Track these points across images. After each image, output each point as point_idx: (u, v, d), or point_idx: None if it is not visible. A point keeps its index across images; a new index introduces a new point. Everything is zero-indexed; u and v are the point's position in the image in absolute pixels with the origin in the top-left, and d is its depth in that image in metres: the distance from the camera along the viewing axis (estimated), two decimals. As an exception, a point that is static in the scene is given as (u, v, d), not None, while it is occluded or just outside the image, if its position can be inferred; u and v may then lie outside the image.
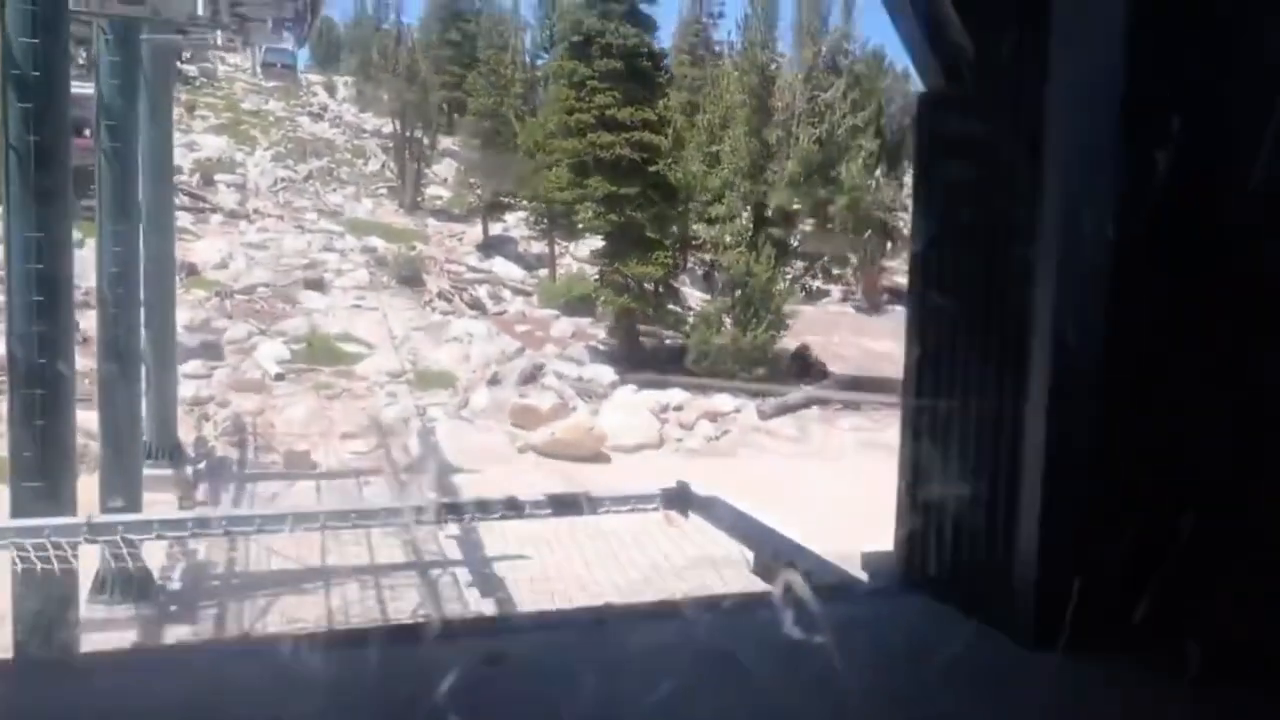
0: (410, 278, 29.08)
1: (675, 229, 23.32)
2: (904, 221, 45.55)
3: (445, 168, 50.66)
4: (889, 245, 38.28)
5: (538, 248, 41.20)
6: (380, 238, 35.74)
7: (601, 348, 25.40)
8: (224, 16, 9.43)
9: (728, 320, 23.18)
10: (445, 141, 51.61)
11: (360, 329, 24.01)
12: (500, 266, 36.46)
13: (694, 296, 26.26)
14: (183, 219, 33.94)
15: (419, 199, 44.17)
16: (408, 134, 43.85)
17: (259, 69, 55.70)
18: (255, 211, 36.71)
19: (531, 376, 22.19)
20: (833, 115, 22.45)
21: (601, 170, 21.92)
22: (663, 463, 18.94)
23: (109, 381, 11.12)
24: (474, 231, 41.25)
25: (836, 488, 16.94)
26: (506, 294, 30.76)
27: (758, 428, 21.40)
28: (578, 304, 29.59)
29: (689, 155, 23.23)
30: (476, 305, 27.27)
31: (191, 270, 26.82)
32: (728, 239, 22.55)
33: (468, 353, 23.10)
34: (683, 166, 23.06)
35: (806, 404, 23.34)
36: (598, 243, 42.09)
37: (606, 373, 22.78)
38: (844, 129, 22.57)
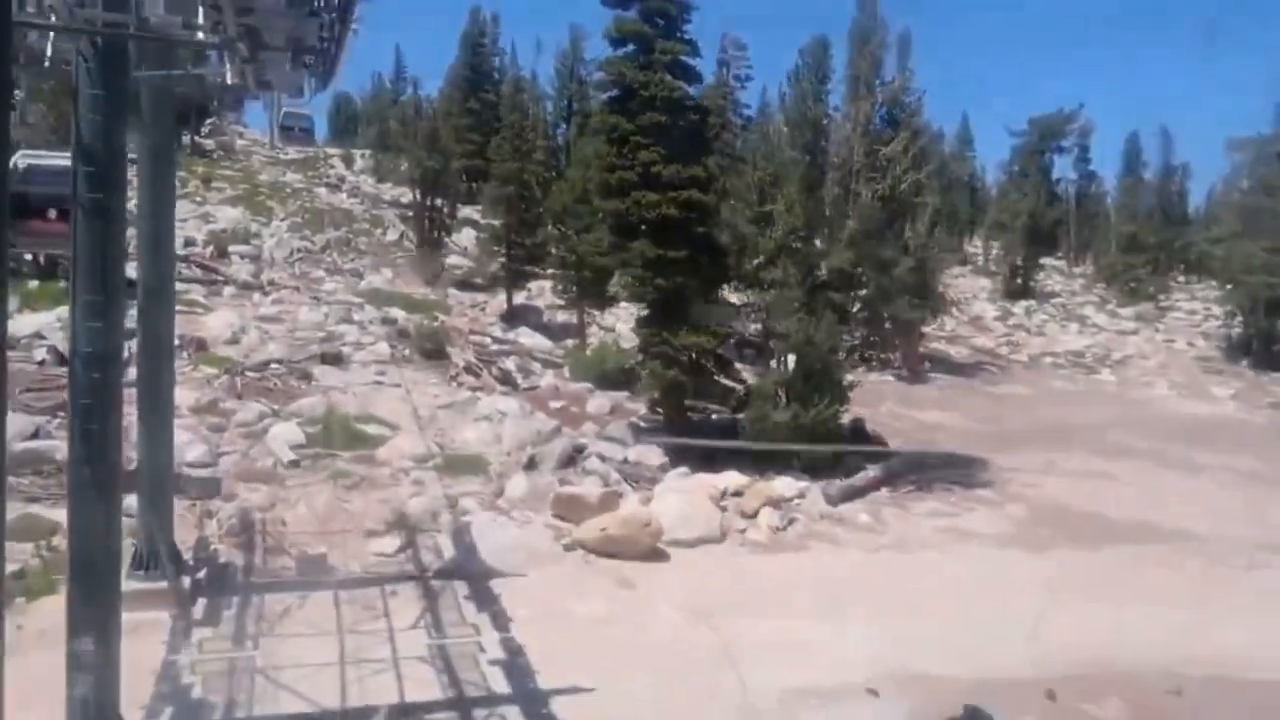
0: (434, 350, 26.93)
1: (721, 295, 21.21)
2: (944, 285, 43.51)
3: (465, 237, 49.10)
4: (930, 311, 36.07)
5: (562, 317, 39.26)
6: (401, 308, 33.78)
7: (644, 425, 23.05)
8: (229, 28, 7.35)
9: (783, 394, 20.83)
10: (464, 210, 50.16)
11: (382, 408, 21.75)
12: (526, 337, 34.41)
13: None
14: (194, 292, 32.06)
15: (439, 268, 42.39)
16: (428, 202, 42.26)
17: (277, 132, 54.74)
18: (270, 283, 34.82)
19: (571, 459, 19.83)
20: (894, 170, 20.45)
21: (646, 232, 19.85)
22: (728, 560, 16.44)
23: (80, 486, 8.82)
24: (497, 301, 39.36)
25: (944, 597, 14.39)
26: (536, 366, 28.56)
27: (826, 515, 18.91)
28: (612, 376, 27.39)
29: (736, 215, 21.20)
30: (507, 379, 25.02)
31: (200, 346, 24.75)
32: (783, 305, 20.36)
33: (499, 433, 20.77)
34: (731, 228, 21.04)
35: (875, 486, 20.88)
36: (625, 311, 40.13)
37: (654, 454, 20.39)
38: (906, 184, 20.55)
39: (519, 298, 39.05)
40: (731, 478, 19.23)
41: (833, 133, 21.22)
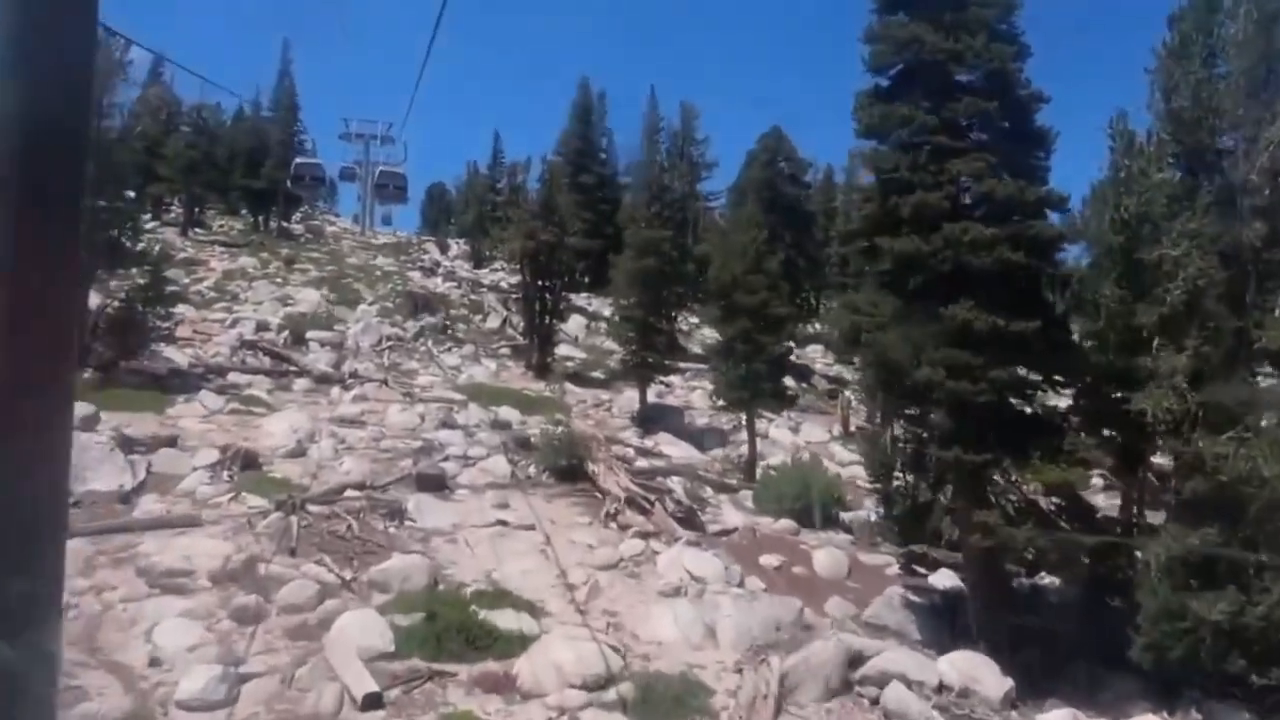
0: (569, 469, 18.56)
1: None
2: None
3: (574, 324, 41.34)
4: None
5: (702, 420, 30.79)
6: (513, 408, 25.71)
7: (917, 599, 14.11)
8: None
9: (1172, 565, 11.73)
10: (569, 296, 42.55)
11: (513, 570, 13.29)
12: (669, 445, 25.95)
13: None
14: (256, 385, 24.51)
15: (549, 360, 34.44)
16: (540, 283, 34.62)
17: (373, 191, 48.82)
18: (352, 375, 27.15)
19: (845, 682, 10.98)
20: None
21: (969, 289, 11.41)
22: None
23: None
24: (623, 399, 31.07)
25: None
26: (706, 492, 19.93)
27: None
28: (811, 509, 18.67)
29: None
30: (690, 520, 16.36)
31: (249, 461, 16.81)
32: (1191, 413, 11.59)
33: (709, 622, 12.06)
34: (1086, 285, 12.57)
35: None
36: (784, 415, 31.38)
37: (982, 671, 11.37)
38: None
39: (648, 395, 30.78)
40: (1155, 731, 10.15)
41: (1228, 133, 12.63)
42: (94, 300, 23.73)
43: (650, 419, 28.85)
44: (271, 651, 10.33)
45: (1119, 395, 13.33)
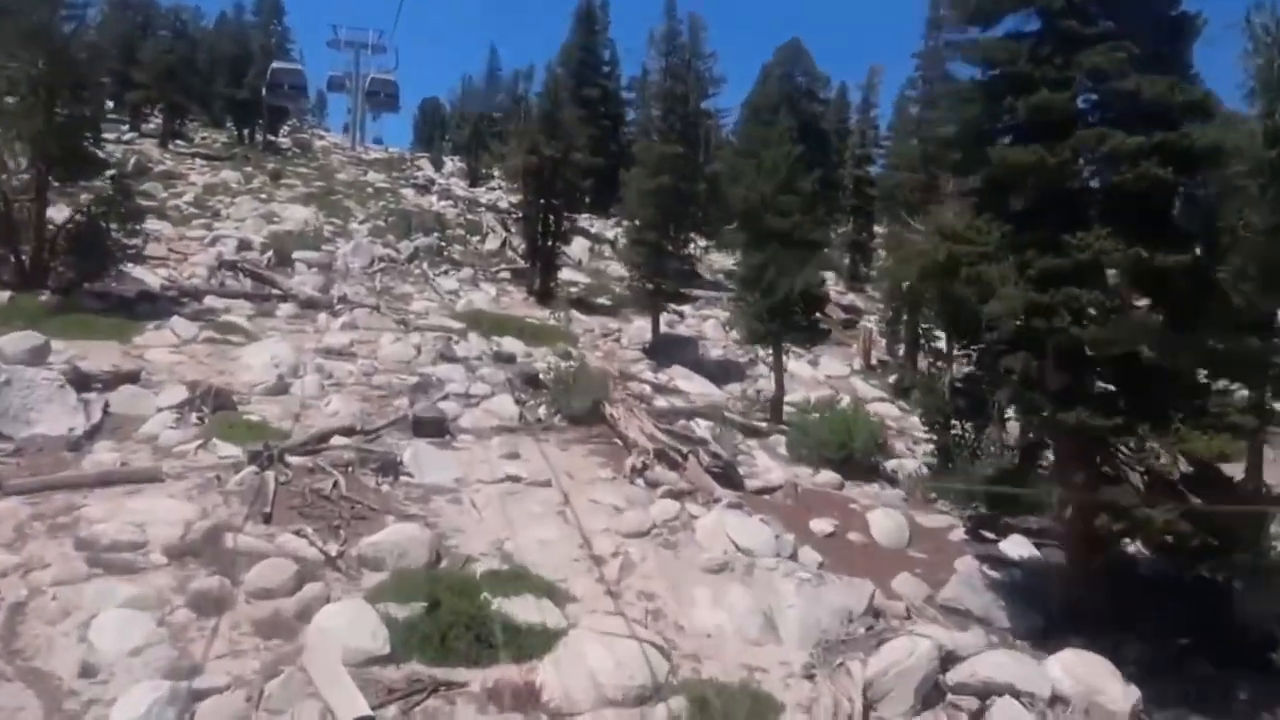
0: (584, 412, 16.34)
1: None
2: None
3: (577, 247, 38.77)
4: None
5: (716, 353, 28.62)
6: (517, 338, 23.42)
7: (997, 575, 12.09)
8: None
9: None
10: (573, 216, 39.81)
11: (528, 540, 11.15)
12: (684, 380, 23.81)
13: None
14: (236, 310, 22.07)
15: (552, 284, 32.03)
16: (542, 202, 31.92)
17: (363, 100, 45.54)
18: (341, 299, 24.71)
19: (936, 689, 8.96)
20: None
21: (1093, 213, 9.01)
22: None
23: None
24: (633, 329, 28.81)
25: None
26: (738, 439, 17.76)
27: None
28: (858, 458, 16.60)
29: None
30: (728, 476, 14.20)
31: (222, 401, 14.50)
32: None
33: (766, 610, 9.98)
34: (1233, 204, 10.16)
35: None
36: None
37: (1101, 676, 9.32)
38: None
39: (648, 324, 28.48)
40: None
41: None
42: (55, 214, 21.12)
43: (661, 350, 26.66)
44: (236, 655, 8.20)
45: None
